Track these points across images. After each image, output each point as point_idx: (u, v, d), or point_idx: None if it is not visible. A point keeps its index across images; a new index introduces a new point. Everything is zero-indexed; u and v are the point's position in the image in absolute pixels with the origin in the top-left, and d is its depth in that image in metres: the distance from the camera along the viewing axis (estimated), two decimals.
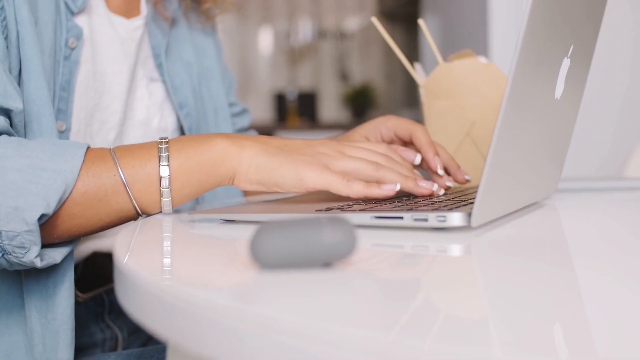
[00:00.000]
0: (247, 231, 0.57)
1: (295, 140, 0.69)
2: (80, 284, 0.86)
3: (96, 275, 0.88)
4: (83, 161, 0.62)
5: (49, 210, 0.59)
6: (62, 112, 0.76)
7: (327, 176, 0.64)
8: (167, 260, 0.50)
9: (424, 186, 0.67)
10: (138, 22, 0.88)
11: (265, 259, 0.40)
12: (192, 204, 0.93)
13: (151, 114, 0.89)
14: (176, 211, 0.77)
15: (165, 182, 0.64)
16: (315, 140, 0.69)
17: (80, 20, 0.80)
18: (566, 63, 0.63)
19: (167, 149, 0.64)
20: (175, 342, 0.37)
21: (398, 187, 0.65)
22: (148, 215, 0.67)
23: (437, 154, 0.77)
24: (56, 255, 0.65)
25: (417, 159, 0.75)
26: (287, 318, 0.32)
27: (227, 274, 0.44)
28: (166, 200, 0.65)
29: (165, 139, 0.66)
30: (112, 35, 0.84)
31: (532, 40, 0.52)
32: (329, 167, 0.65)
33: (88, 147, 0.64)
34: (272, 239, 0.40)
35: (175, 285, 0.40)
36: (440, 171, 0.76)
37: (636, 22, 2.11)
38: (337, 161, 0.66)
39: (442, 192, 0.69)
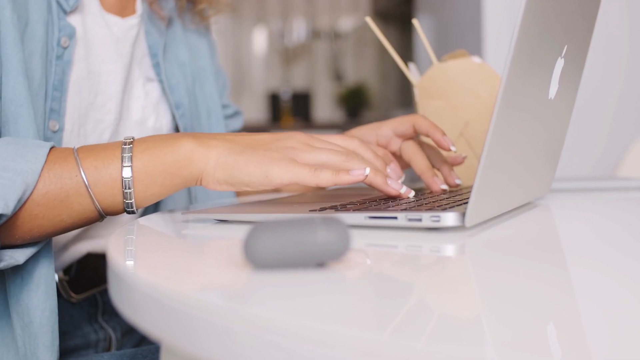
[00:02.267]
0: (241, 231, 0.57)
1: (263, 135, 0.68)
2: (74, 285, 0.86)
3: (90, 276, 0.88)
4: (45, 161, 0.61)
5: (8, 211, 0.58)
6: (54, 111, 0.75)
7: (293, 169, 0.62)
8: (160, 261, 0.50)
9: (392, 185, 0.65)
10: (133, 21, 0.87)
11: (258, 259, 0.40)
12: (186, 204, 0.93)
13: (147, 114, 0.89)
14: (170, 211, 0.77)
15: (127, 184, 0.63)
16: (283, 133, 0.68)
17: (73, 19, 0.79)
18: (560, 63, 0.64)
19: (131, 149, 0.63)
20: (168, 342, 0.37)
21: (367, 172, 0.63)
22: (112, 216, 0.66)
23: (444, 134, 0.77)
24: (18, 256, 0.64)
25: (401, 179, 0.76)
26: (280, 318, 0.32)
27: (221, 274, 0.44)
28: (129, 202, 0.63)
29: (130, 138, 0.65)
30: (106, 34, 0.84)
31: (526, 40, 0.52)
32: (296, 160, 0.64)
33: (52, 147, 0.64)
34: (266, 239, 0.40)
35: (168, 286, 0.39)
36: (453, 148, 0.75)
37: (631, 22, 2.12)
38: (305, 154, 0.65)
39: (412, 194, 0.67)
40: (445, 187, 0.76)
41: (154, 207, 0.92)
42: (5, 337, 0.71)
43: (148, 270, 0.45)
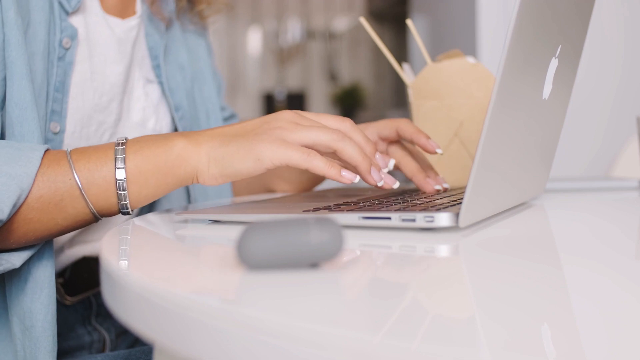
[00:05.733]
0: (235, 232, 0.57)
1: (252, 121, 0.67)
2: (69, 288, 0.86)
3: (85, 279, 0.87)
4: (40, 165, 0.61)
5: (3, 216, 0.58)
6: (56, 113, 0.75)
7: (285, 151, 0.61)
8: (154, 262, 0.50)
9: (373, 175, 0.64)
10: (133, 22, 0.87)
11: (252, 260, 0.40)
12: (182, 204, 0.92)
13: (147, 115, 0.89)
14: (167, 211, 0.76)
15: (121, 185, 0.63)
16: (271, 115, 0.66)
17: (75, 21, 0.79)
18: (554, 63, 0.64)
19: (124, 151, 0.63)
20: (161, 343, 0.37)
21: (357, 180, 0.63)
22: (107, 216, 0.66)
23: (428, 137, 0.76)
24: (14, 259, 0.64)
25: (391, 164, 0.72)
26: (274, 319, 0.31)
27: (214, 275, 0.43)
28: (123, 203, 0.63)
29: (123, 139, 0.64)
30: (108, 35, 0.83)
31: (520, 40, 0.52)
32: (286, 140, 0.62)
33: (47, 150, 0.63)
34: (259, 239, 0.40)
35: (161, 287, 0.39)
36: (439, 150, 0.75)
37: (625, 22, 2.12)
38: (293, 133, 0.63)
39: (396, 185, 0.66)
40: (438, 187, 0.75)
41: (149, 207, 0.92)
42: (3, 339, 0.70)
43: (141, 271, 0.45)
